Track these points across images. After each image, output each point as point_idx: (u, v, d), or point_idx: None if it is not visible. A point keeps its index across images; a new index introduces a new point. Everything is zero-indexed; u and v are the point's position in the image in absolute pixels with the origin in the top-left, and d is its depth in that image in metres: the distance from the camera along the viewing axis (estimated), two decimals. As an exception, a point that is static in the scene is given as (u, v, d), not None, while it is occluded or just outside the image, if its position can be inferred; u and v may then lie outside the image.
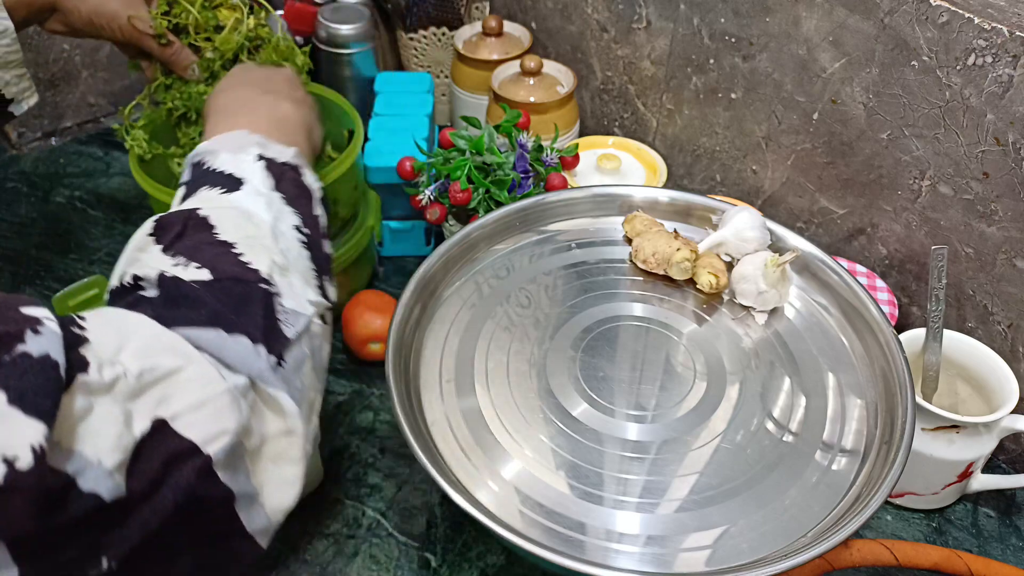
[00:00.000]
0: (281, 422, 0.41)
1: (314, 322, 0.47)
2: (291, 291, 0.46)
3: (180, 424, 0.35)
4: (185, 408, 0.35)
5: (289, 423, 0.41)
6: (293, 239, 0.49)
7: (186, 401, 0.35)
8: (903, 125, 0.72)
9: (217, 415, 0.36)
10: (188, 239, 0.45)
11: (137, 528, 0.33)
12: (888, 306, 0.77)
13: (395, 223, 0.93)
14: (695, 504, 0.54)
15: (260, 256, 0.45)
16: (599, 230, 0.75)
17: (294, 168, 0.54)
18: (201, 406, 0.36)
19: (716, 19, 0.84)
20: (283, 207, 0.50)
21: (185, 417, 0.35)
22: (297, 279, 0.47)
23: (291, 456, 0.41)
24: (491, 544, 0.68)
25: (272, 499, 0.41)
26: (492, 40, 1.02)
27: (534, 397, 0.60)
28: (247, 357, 0.40)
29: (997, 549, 0.69)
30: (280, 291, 0.45)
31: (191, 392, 0.36)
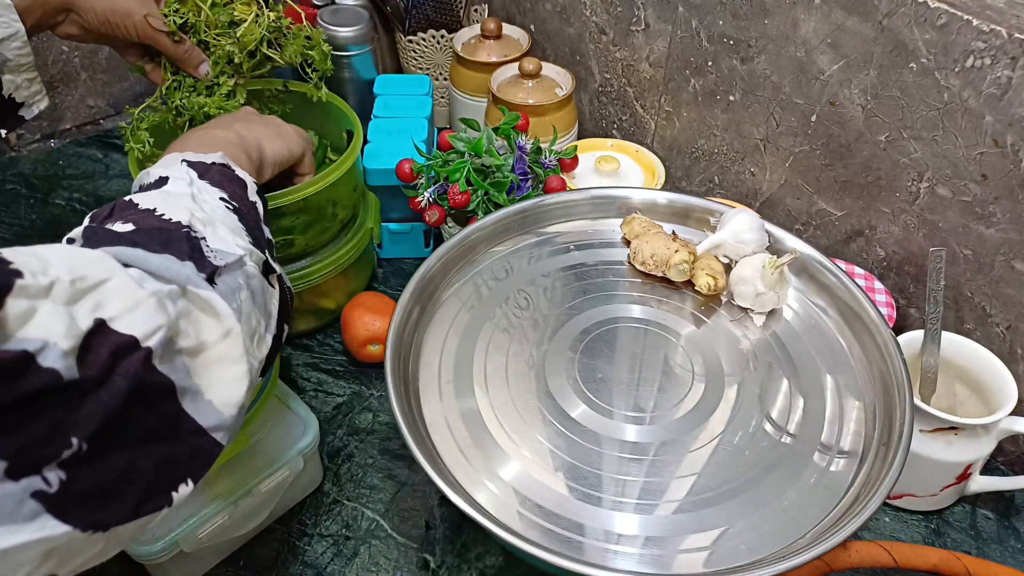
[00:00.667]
0: (216, 324, 0.43)
1: (247, 262, 0.49)
2: (216, 237, 0.48)
3: (118, 324, 0.37)
4: (119, 311, 0.38)
5: (225, 324, 0.44)
6: (217, 205, 0.52)
7: (119, 306, 0.38)
8: (901, 127, 0.73)
9: (149, 314, 0.39)
10: (114, 216, 0.48)
11: (98, 409, 0.35)
12: (886, 308, 0.77)
13: (394, 225, 0.93)
14: (693, 505, 0.54)
15: (179, 212, 0.48)
16: (597, 232, 0.75)
17: (222, 165, 0.56)
18: (134, 308, 0.38)
19: (714, 21, 0.85)
20: (206, 186, 0.53)
21: (122, 318, 0.38)
22: (223, 230, 0.49)
23: (232, 356, 0.44)
24: (490, 545, 0.68)
25: (219, 395, 0.43)
26: (491, 42, 1.02)
27: (533, 398, 0.60)
28: (173, 267, 0.43)
29: (996, 551, 0.69)
30: (205, 236, 0.47)
31: (122, 297, 0.38)
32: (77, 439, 0.34)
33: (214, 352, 0.43)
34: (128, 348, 0.37)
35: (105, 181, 1.06)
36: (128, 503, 0.38)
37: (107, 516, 0.37)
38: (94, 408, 0.35)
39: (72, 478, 0.34)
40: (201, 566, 0.65)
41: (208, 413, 0.42)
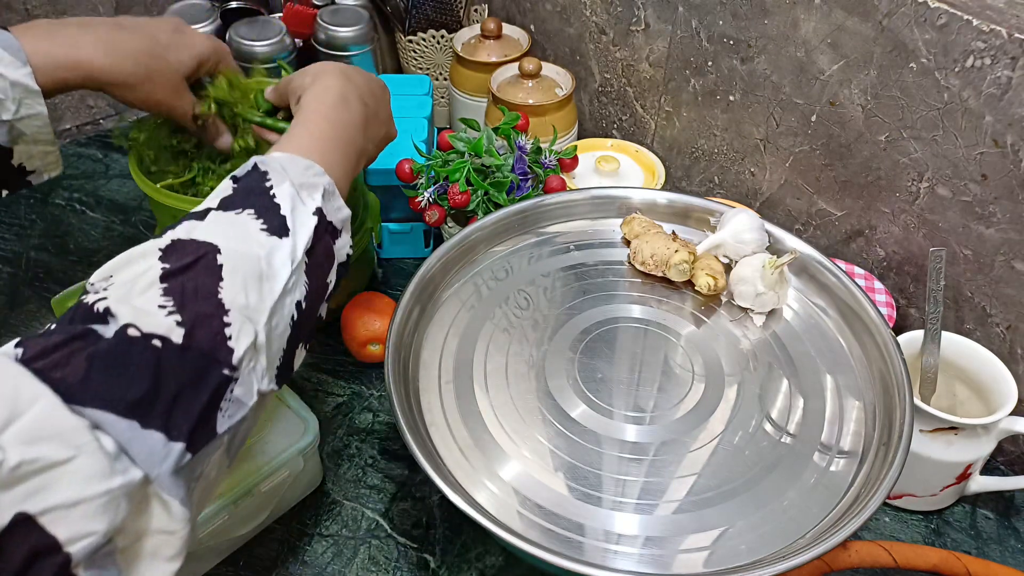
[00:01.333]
0: (165, 522, 0.39)
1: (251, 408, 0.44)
2: (249, 379, 0.43)
3: (47, 519, 0.33)
4: (57, 505, 0.33)
5: (173, 525, 0.39)
6: (287, 317, 0.47)
7: (60, 497, 0.34)
8: (901, 127, 0.73)
9: (88, 516, 0.34)
10: (191, 279, 0.43)
11: None
12: (886, 308, 0.77)
13: (394, 225, 0.93)
14: (693, 505, 0.54)
15: (245, 336, 0.43)
16: (597, 232, 0.75)
17: (336, 232, 0.52)
18: (75, 505, 0.34)
19: (714, 21, 0.85)
20: (301, 277, 0.48)
21: (54, 513, 0.33)
22: (262, 363, 0.44)
23: (166, 554, 0.39)
24: (490, 545, 0.68)
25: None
26: (491, 42, 1.02)
27: (533, 398, 0.60)
28: (153, 455, 0.38)
29: (996, 551, 0.69)
30: (239, 378, 0.42)
31: (69, 488, 0.34)
32: None
33: (149, 543, 0.38)
34: (47, 552, 0.33)
35: (105, 181, 1.06)
36: None
37: None
38: None
39: None
40: (201, 566, 0.65)
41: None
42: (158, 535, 0.39)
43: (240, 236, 0.46)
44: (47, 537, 0.33)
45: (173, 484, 0.38)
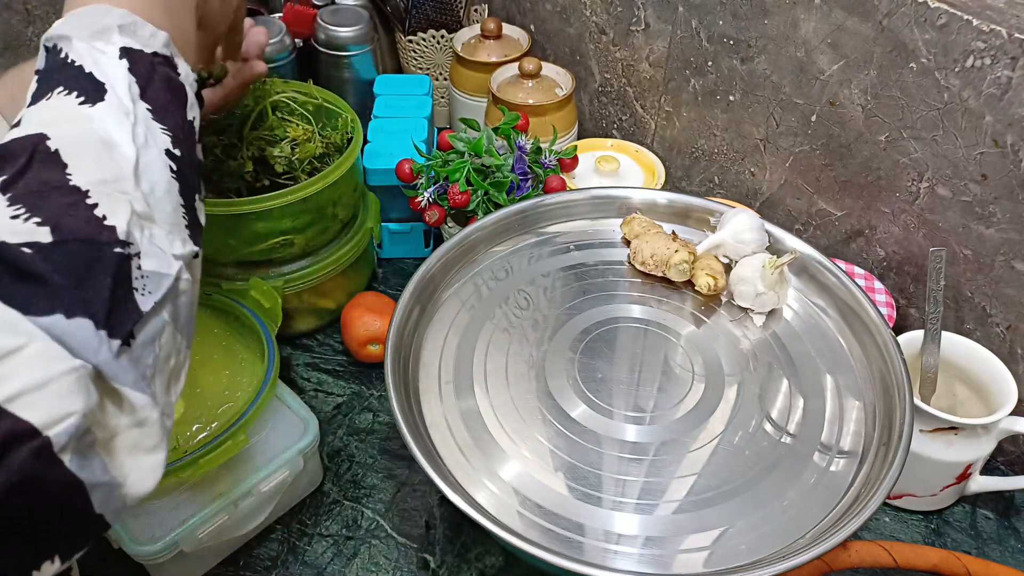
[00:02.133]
0: (131, 413, 0.38)
1: (181, 279, 0.42)
2: (152, 247, 0.40)
3: (17, 405, 0.32)
4: (25, 388, 0.32)
5: (140, 415, 0.38)
6: (161, 172, 0.43)
7: (26, 381, 0.32)
8: (901, 127, 0.73)
9: (61, 396, 0.33)
10: (33, 177, 0.39)
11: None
12: (886, 308, 0.77)
13: (394, 225, 0.93)
14: (693, 505, 0.54)
15: (119, 207, 0.39)
16: (597, 232, 0.75)
17: (165, 60, 0.46)
18: (43, 386, 0.32)
19: (714, 21, 0.85)
20: (152, 124, 0.43)
21: (24, 398, 0.32)
22: (162, 229, 0.41)
23: (147, 445, 0.38)
24: (490, 545, 0.68)
25: (133, 489, 0.38)
26: (491, 42, 1.02)
27: (533, 398, 0.60)
28: (88, 344, 0.36)
29: (996, 551, 0.69)
30: (140, 249, 0.39)
31: (33, 371, 0.33)
32: None
33: (125, 439, 0.37)
34: (22, 437, 0.32)
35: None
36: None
37: None
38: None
39: None
40: (201, 566, 0.65)
41: (113, 502, 0.37)
42: (130, 430, 0.37)
43: (63, 117, 0.42)
44: (20, 423, 0.32)
45: (120, 371, 0.37)
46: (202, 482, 0.62)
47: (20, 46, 0.95)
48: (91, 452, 0.35)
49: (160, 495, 0.61)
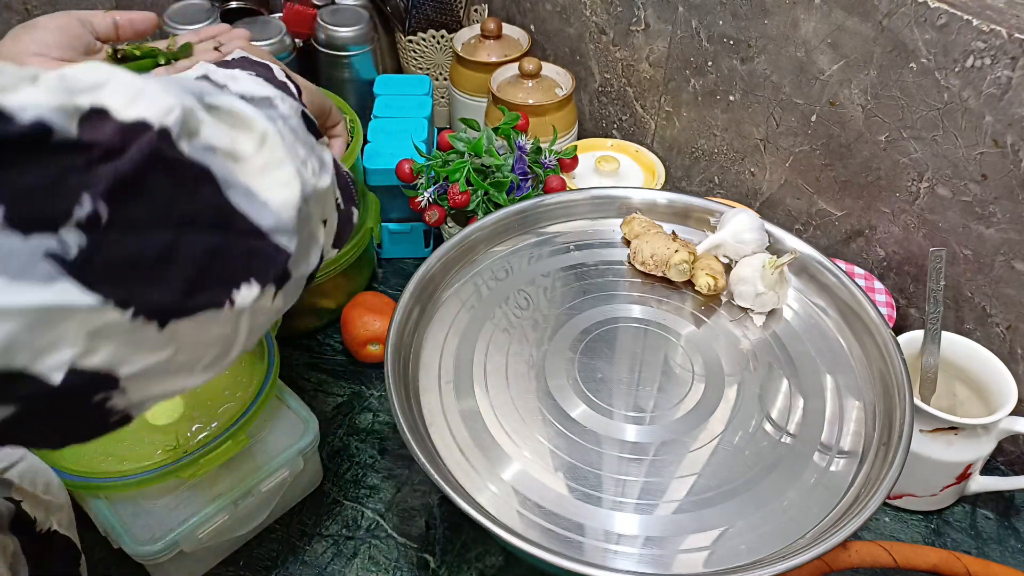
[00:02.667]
0: (249, 133, 0.39)
1: (279, 104, 0.44)
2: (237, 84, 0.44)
3: (123, 113, 0.33)
4: (123, 101, 0.33)
5: (258, 131, 0.39)
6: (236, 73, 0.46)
7: (120, 98, 0.33)
8: (901, 127, 0.73)
9: (158, 96, 0.34)
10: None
11: (109, 172, 0.31)
12: (886, 308, 0.77)
13: (394, 225, 0.93)
14: (693, 505, 0.54)
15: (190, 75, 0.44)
16: (597, 232, 0.75)
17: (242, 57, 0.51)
18: (139, 95, 0.34)
19: (714, 21, 0.85)
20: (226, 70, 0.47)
21: (127, 108, 0.33)
22: (248, 82, 0.45)
23: (276, 158, 0.40)
24: (490, 545, 0.68)
25: (274, 196, 0.39)
26: (491, 42, 1.02)
27: (533, 398, 0.60)
28: (185, 86, 0.38)
29: (996, 551, 0.69)
30: (224, 83, 0.43)
31: (123, 89, 0.34)
32: (90, 197, 0.30)
33: (256, 162, 0.39)
34: (139, 128, 0.33)
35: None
36: (174, 286, 0.34)
37: (149, 297, 0.33)
38: (104, 172, 0.31)
39: (95, 243, 0.30)
40: (201, 566, 0.65)
41: (265, 214, 0.38)
42: (257, 154, 0.39)
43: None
44: (133, 119, 0.33)
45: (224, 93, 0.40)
46: (202, 482, 0.62)
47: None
48: (211, 154, 0.36)
49: (160, 495, 0.61)
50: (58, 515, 0.50)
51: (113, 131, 0.32)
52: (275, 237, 0.39)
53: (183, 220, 0.34)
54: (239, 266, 0.37)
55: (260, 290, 0.38)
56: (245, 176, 0.38)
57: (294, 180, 0.40)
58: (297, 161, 0.41)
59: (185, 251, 0.34)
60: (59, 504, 0.50)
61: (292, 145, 0.42)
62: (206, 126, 0.37)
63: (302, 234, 0.41)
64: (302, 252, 0.42)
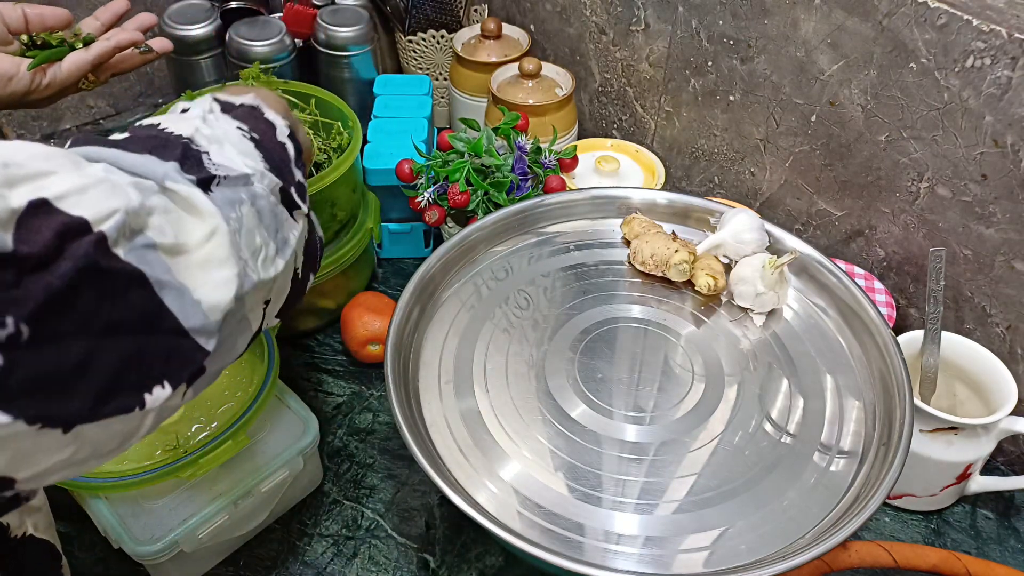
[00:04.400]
0: (199, 223, 0.40)
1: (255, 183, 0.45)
2: (221, 154, 0.44)
3: (65, 204, 0.33)
4: (68, 191, 0.34)
5: (209, 223, 0.40)
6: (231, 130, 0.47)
7: (67, 185, 0.34)
8: (901, 127, 0.72)
9: (102, 197, 0.35)
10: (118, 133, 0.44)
11: (39, 290, 0.31)
12: (886, 308, 0.77)
13: (394, 225, 0.93)
14: (693, 505, 0.54)
15: (184, 128, 0.44)
16: (597, 232, 0.75)
17: (252, 107, 0.51)
18: (84, 190, 0.34)
19: (714, 21, 0.85)
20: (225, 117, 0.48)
21: (69, 199, 0.33)
22: (232, 151, 0.45)
23: (218, 257, 0.40)
24: (490, 545, 0.68)
25: (207, 296, 0.39)
26: (491, 42, 1.02)
27: (533, 398, 0.60)
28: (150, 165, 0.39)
29: (996, 551, 0.69)
30: (207, 150, 0.43)
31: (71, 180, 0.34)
32: (13, 319, 0.30)
33: (198, 255, 0.39)
34: (77, 230, 0.33)
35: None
36: (85, 398, 0.34)
37: (60, 410, 0.33)
38: (34, 288, 0.31)
39: (11, 363, 0.30)
40: (201, 566, 0.65)
41: (193, 314, 0.38)
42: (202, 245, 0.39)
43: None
44: (71, 217, 0.33)
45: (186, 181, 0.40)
46: (202, 482, 0.62)
47: (20, 46, 0.95)
48: (149, 252, 0.37)
49: (160, 495, 0.61)
50: (34, 518, 0.49)
51: (50, 236, 0.32)
52: (197, 337, 0.39)
53: (106, 328, 0.34)
54: (155, 369, 0.37)
55: (172, 391, 0.38)
56: (181, 272, 0.38)
57: (231, 282, 0.41)
58: (241, 262, 0.41)
59: (103, 360, 0.34)
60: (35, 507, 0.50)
61: (249, 234, 0.43)
62: (153, 218, 0.37)
63: (225, 331, 0.41)
64: (224, 348, 0.42)
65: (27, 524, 0.48)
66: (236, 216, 0.42)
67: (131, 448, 0.60)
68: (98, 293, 0.34)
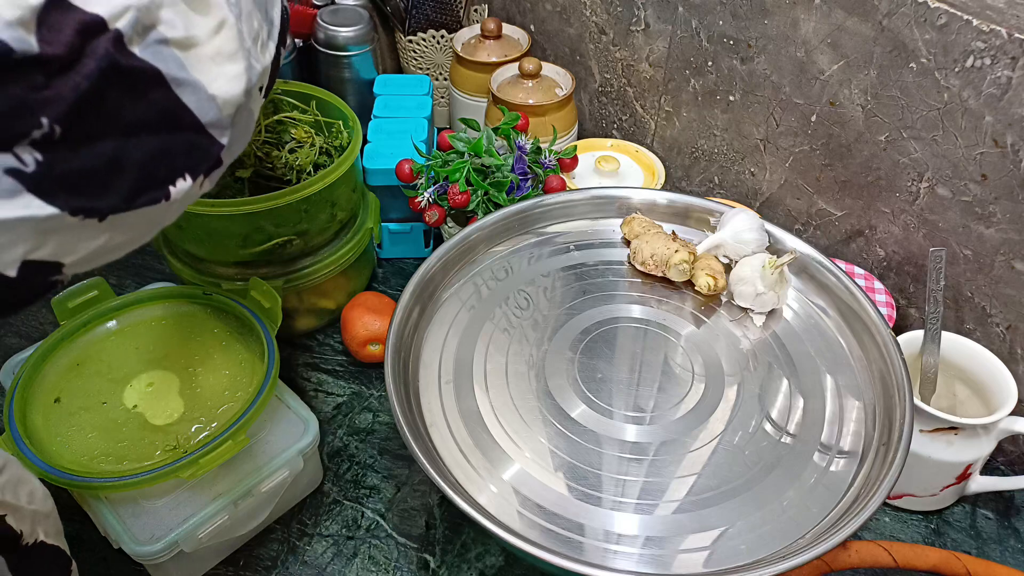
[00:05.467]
0: (205, 18, 0.40)
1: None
2: None
3: (79, 3, 0.34)
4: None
5: (216, 15, 0.40)
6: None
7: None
8: (901, 127, 0.73)
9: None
10: None
11: (68, 89, 0.33)
12: (886, 308, 0.77)
13: (394, 225, 0.93)
14: (693, 505, 0.54)
15: None
16: (597, 232, 0.75)
17: None
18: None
19: (714, 21, 0.85)
20: None
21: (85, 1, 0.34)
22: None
23: (227, 51, 0.41)
24: (490, 545, 0.68)
25: (220, 90, 0.40)
26: (491, 42, 1.02)
27: (533, 398, 0.60)
28: None
29: (996, 551, 0.69)
30: None
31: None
32: (47, 119, 0.33)
33: (208, 47, 0.40)
34: (96, 27, 0.34)
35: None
36: (119, 192, 0.37)
37: (97, 203, 0.36)
38: (63, 88, 0.33)
39: (50, 160, 0.33)
40: (201, 566, 0.65)
41: (209, 109, 0.40)
42: (211, 38, 0.40)
43: None
44: (87, 14, 0.34)
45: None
46: (202, 482, 0.62)
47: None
48: (163, 48, 0.37)
49: (160, 495, 0.61)
50: (44, 524, 0.49)
51: (71, 35, 0.33)
52: (213, 130, 0.41)
53: (132, 126, 0.37)
54: (178, 163, 0.40)
55: (193, 182, 0.41)
56: (194, 67, 0.39)
57: (242, 76, 0.42)
58: (248, 55, 0.42)
59: (132, 157, 0.37)
60: (45, 513, 0.50)
61: (249, 19, 0.43)
62: (163, 11, 0.38)
63: (239, 126, 0.43)
64: (237, 141, 0.44)
65: (38, 531, 0.48)
66: (234, 17, 0.42)
67: (131, 448, 0.61)
68: (121, 92, 0.35)
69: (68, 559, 0.51)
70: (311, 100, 0.83)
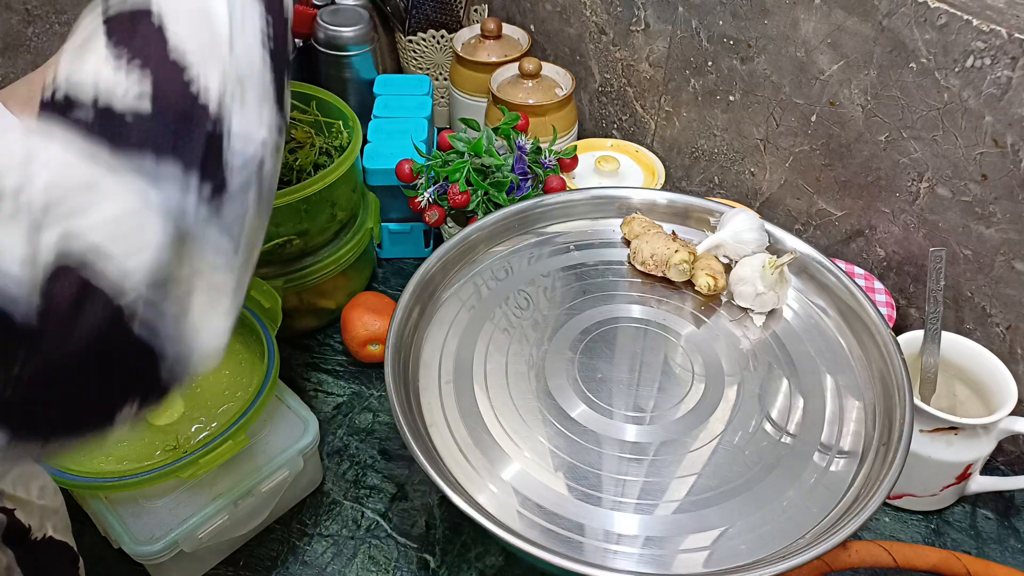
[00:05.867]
0: (211, 258, 0.37)
1: (268, 146, 0.41)
2: (242, 116, 0.39)
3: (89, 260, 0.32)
4: (98, 242, 0.32)
5: (220, 259, 0.38)
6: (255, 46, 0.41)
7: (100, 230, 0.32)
8: (901, 127, 0.72)
9: (131, 248, 0.33)
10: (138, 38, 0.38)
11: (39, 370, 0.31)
12: (886, 308, 0.77)
13: (394, 225, 0.93)
14: (693, 505, 0.54)
15: (212, 72, 0.38)
16: (597, 232, 0.75)
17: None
18: (114, 239, 0.32)
19: (714, 21, 0.85)
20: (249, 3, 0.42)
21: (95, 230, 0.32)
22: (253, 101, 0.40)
23: (223, 308, 0.38)
24: (490, 545, 0.68)
25: (202, 348, 0.38)
26: (491, 42, 1.02)
27: (533, 398, 0.60)
28: (174, 190, 0.35)
29: (996, 551, 0.69)
30: (230, 120, 0.39)
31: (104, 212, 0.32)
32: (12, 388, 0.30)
33: (201, 295, 0.37)
34: (94, 299, 0.31)
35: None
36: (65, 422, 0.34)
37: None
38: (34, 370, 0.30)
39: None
40: (201, 566, 0.65)
41: (185, 365, 0.37)
42: (209, 276, 0.37)
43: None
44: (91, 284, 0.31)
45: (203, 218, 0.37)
46: (202, 482, 0.62)
47: (20, 46, 0.95)
48: (161, 323, 0.35)
49: (160, 495, 0.61)
50: (53, 520, 0.49)
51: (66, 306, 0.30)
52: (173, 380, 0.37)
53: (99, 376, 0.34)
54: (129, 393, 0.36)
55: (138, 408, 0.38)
56: (185, 332, 0.36)
57: (223, 335, 0.39)
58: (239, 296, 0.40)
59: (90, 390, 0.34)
60: (53, 508, 0.50)
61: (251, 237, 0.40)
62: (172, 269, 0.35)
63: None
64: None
65: (47, 526, 0.49)
66: (241, 215, 0.39)
67: (131, 448, 0.61)
68: (100, 367, 0.33)
69: (76, 555, 0.52)
70: (311, 100, 0.83)
